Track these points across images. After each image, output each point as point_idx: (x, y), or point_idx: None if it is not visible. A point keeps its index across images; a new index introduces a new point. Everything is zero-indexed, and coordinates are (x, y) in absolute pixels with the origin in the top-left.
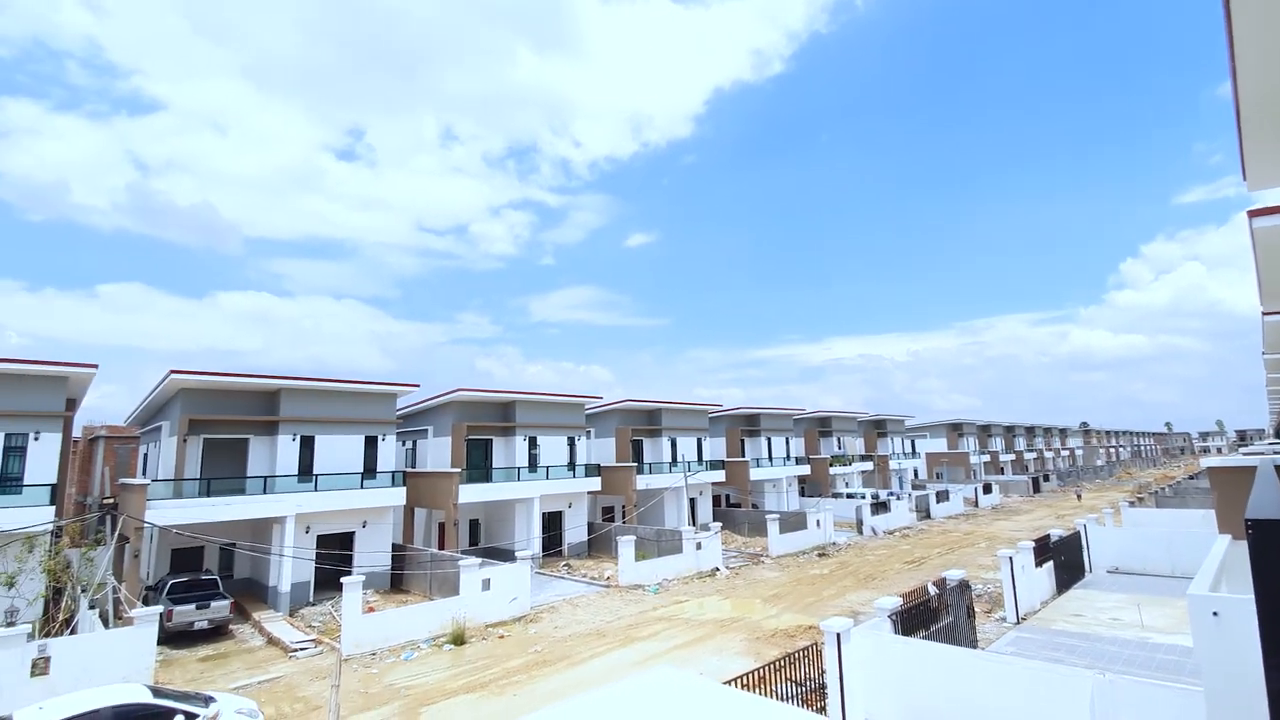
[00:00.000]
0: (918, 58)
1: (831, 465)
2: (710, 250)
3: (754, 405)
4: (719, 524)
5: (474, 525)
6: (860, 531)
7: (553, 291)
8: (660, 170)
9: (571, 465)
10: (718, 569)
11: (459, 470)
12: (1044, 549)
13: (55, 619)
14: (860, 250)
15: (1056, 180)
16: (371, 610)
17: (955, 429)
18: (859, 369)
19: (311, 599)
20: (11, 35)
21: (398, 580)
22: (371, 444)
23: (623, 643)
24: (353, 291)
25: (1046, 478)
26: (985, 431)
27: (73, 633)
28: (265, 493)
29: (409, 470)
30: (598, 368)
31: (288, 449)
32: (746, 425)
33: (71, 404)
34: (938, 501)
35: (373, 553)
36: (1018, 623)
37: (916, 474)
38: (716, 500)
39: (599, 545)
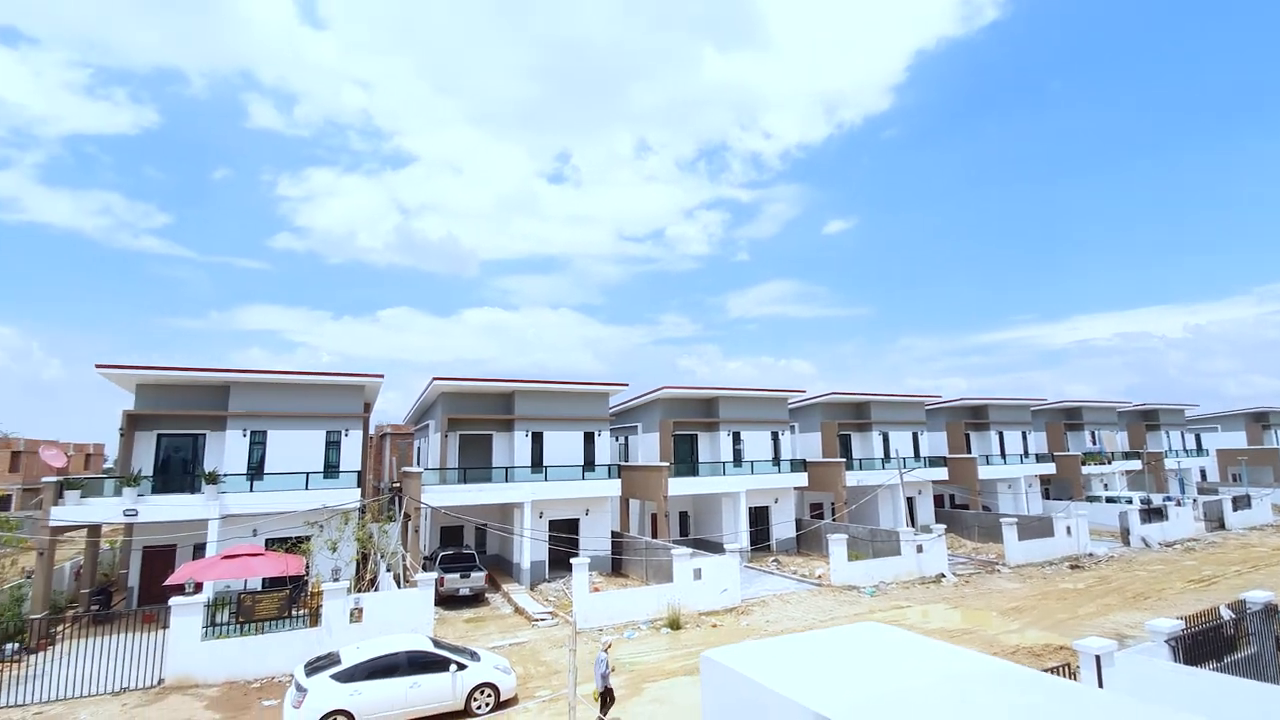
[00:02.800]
0: None
1: (1084, 464)
2: (918, 230)
3: (980, 395)
4: (942, 526)
5: (683, 517)
6: (1126, 542)
7: (749, 287)
8: (857, 150)
9: (776, 460)
10: (943, 575)
11: (667, 464)
12: None
13: (364, 578)
14: (1111, 212)
15: None
16: (597, 590)
17: (1258, 419)
18: (1116, 350)
19: (547, 575)
20: (312, 119)
21: (617, 565)
22: (589, 439)
23: None
24: (566, 301)
25: None
26: None
27: (376, 590)
28: (506, 481)
29: (622, 464)
30: (799, 361)
31: (522, 444)
32: (971, 418)
33: (367, 407)
34: (1235, 509)
35: (595, 538)
36: None
37: (1204, 475)
38: (939, 500)
39: (808, 542)
